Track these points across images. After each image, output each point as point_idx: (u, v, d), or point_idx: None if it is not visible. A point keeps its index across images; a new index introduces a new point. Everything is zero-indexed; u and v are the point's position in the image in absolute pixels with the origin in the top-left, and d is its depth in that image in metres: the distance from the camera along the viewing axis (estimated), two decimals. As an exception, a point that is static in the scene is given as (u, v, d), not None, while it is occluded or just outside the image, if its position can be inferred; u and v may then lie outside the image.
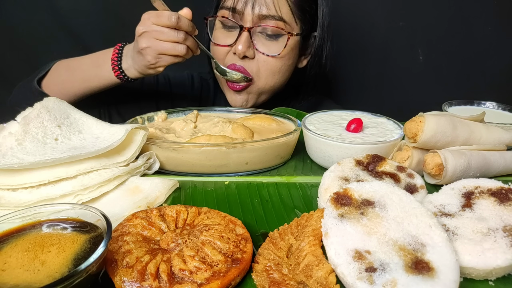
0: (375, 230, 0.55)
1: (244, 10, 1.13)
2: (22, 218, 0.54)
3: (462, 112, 1.14)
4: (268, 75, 1.22)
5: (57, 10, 1.66)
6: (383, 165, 0.77)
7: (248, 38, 1.15)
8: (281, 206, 0.75)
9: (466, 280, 0.56)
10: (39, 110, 0.82)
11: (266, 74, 1.22)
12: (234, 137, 0.91)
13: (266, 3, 1.12)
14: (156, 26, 0.99)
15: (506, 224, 0.58)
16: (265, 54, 1.18)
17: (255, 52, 1.19)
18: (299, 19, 1.19)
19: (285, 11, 1.15)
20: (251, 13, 1.13)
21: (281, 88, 1.32)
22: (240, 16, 1.15)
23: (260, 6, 1.12)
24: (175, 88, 1.41)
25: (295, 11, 1.17)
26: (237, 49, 1.16)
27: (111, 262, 0.51)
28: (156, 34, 0.99)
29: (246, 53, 1.16)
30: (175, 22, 0.97)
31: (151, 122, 1.02)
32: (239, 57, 1.18)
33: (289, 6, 1.16)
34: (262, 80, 1.23)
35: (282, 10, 1.14)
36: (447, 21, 1.70)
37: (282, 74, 1.25)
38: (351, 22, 1.70)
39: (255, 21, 1.15)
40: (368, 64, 1.83)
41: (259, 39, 1.18)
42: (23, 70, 1.72)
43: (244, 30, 1.15)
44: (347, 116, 1.02)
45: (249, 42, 1.16)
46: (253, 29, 1.15)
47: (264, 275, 0.53)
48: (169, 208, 0.64)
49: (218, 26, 1.22)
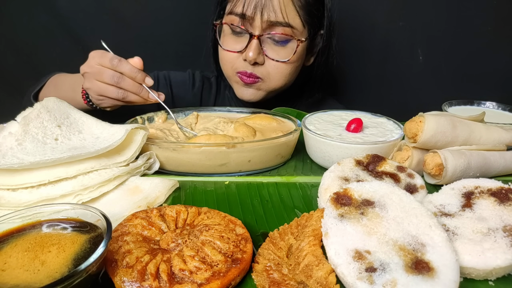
0: (375, 230, 0.55)
1: (254, 16, 1.14)
2: (22, 218, 0.54)
3: (462, 112, 1.14)
4: (279, 78, 1.25)
5: (57, 10, 1.66)
6: (383, 165, 0.77)
7: (258, 45, 1.17)
8: (281, 206, 0.75)
9: (466, 280, 0.56)
10: (39, 110, 0.82)
11: (277, 78, 1.25)
12: (236, 136, 0.90)
13: (274, 9, 1.13)
14: (97, 66, 0.96)
15: (506, 224, 0.58)
16: (275, 60, 1.20)
17: (265, 58, 1.21)
18: (307, 22, 1.21)
19: (292, 17, 1.16)
20: (260, 19, 1.14)
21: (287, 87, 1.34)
22: (249, 22, 1.16)
23: (268, 12, 1.14)
24: (175, 87, 1.41)
25: (302, 15, 1.18)
26: (247, 57, 1.17)
27: (111, 262, 0.51)
28: (96, 75, 0.97)
29: (257, 60, 1.19)
30: (115, 65, 0.95)
31: (151, 122, 1.02)
32: (249, 63, 1.20)
33: (297, 11, 1.17)
34: (272, 82, 1.25)
35: (290, 16, 1.15)
36: (447, 21, 1.70)
37: (292, 75, 1.28)
38: (351, 22, 1.69)
39: (264, 28, 1.16)
40: (367, 64, 1.83)
41: (269, 45, 1.20)
42: (23, 70, 1.73)
43: (254, 38, 1.16)
44: (347, 116, 1.02)
45: (259, 49, 1.18)
46: (262, 37, 1.17)
47: (264, 275, 0.53)
48: (169, 208, 0.64)
49: (227, 32, 1.23)
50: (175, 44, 1.76)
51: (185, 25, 1.73)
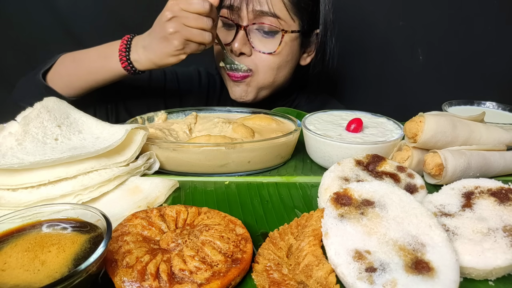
0: (375, 230, 0.55)
1: (241, 6, 1.16)
2: (22, 218, 0.54)
3: (462, 112, 1.14)
4: (266, 71, 1.24)
5: (57, 10, 1.66)
6: (383, 165, 0.77)
7: (244, 36, 1.18)
8: (281, 206, 0.75)
9: (466, 280, 0.56)
10: (39, 110, 0.82)
11: (265, 70, 1.24)
12: (234, 137, 0.91)
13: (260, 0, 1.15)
14: (185, 12, 0.98)
15: (506, 224, 0.58)
16: (261, 51, 1.21)
17: (252, 50, 1.21)
18: (296, 16, 1.21)
19: (278, 8, 1.17)
20: (245, 9, 1.16)
21: (284, 85, 1.34)
22: (237, 13, 1.18)
23: (253, 2, 1.15)
24: (182, 83, 1.42)
25: (290, 7, 1.19)
26: (233, 47, 1.19)
27: (111, 262, 0.51)
28: (186, 20, 0.98)
29: (242, 50, 1.19)
30: (208, 9, 0.97)
31: (151, 122, 1.02)
32: (235, 54, 1.21)
33: (283, 3, 1.18)
34: (261, 75, 1.25)
35: (276, 7, 1.16)
36: (447, 21, 1.70)
37: (281, 70, 1.27)
38: (351, 21, 1.69)
39: (250, 19, 1.17)
40: (367, 64, 1.83)
41: (256, 36, 1.20)
42: (23, 70, 1.72)
43: (240, 29, 1.18)
44: (347, 116, 1.02)
45: (245, 40, 1.19)
46: (249, 27, 1.18)
47: (264, 275, 0.53)
48: (169, 208, 0.64)
49: (219, 25, 1.24)
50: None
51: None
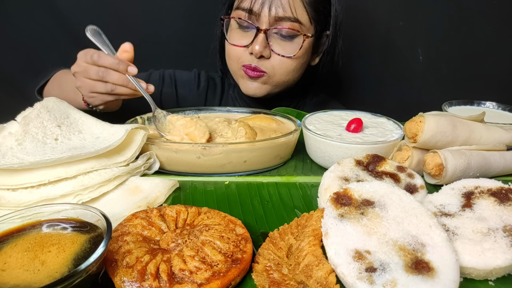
0: (375, 230, 0.55)
1: (261, 11, 1.15)
2: (22, 218, 0.54)
3: (462, 112, 1.14)
4: (283, 73, 1.25)
5: (57, 10, 1.66)
6: (383, 165, 0.77)
7: (264, 39, 1.18)
8: (281, 206, 0.75)
9: (466, 280, 0.56)
10: (39, 110, 0.82)
11: (281, 72, 1.25)
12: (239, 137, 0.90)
13: (282, 4, 1.15)
14: (83, 64, 0.96)
15: (506, 224, 0.58)
16: (280, 55, 1.21)
17: (271, 53, 1.21)
18: (314, 19, 1.21)
19: (300, 13, 1.17)
20: (267, 14, 1.15)
21: (292, 85, 1.34)
22: (256, 17, 1.17)
23: (276, 8, 1.15)
24: (180, 87, 1.42)
25: (310, 12, 1.19)
26: (254, 49, 1.18)
27: (111, 262, 0.51)
28: (84, 73, 0.97)
29: (262, 53, 1.19)
30: (96, 60, 0.94)
31: (151, 122, 1.02)
32: (255, 56, 1.20)
33: (304, 7, 1.18)
34: (277, 76, 1.26)
35: (298, 12, 1.16)
36: (447, 21, 1.70)
37: (296, 72, 1.29)
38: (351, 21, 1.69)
39: (271, 23, 1.17)
40: (368, 64, 1.83)
41: (275, 40, 1.20)
42: (23, 70, 1.73)
43: (260, 32, 1.17)
44: (347, 116, 1.02)
45: (265, 43, 1.19)
46: (269, 31, 1.18)
47: (264, 275, 0.53)
48: (169, 208, 0.64)
49: (234, 27, 1.24)
50: (175, 44, 1.76)
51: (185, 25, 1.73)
